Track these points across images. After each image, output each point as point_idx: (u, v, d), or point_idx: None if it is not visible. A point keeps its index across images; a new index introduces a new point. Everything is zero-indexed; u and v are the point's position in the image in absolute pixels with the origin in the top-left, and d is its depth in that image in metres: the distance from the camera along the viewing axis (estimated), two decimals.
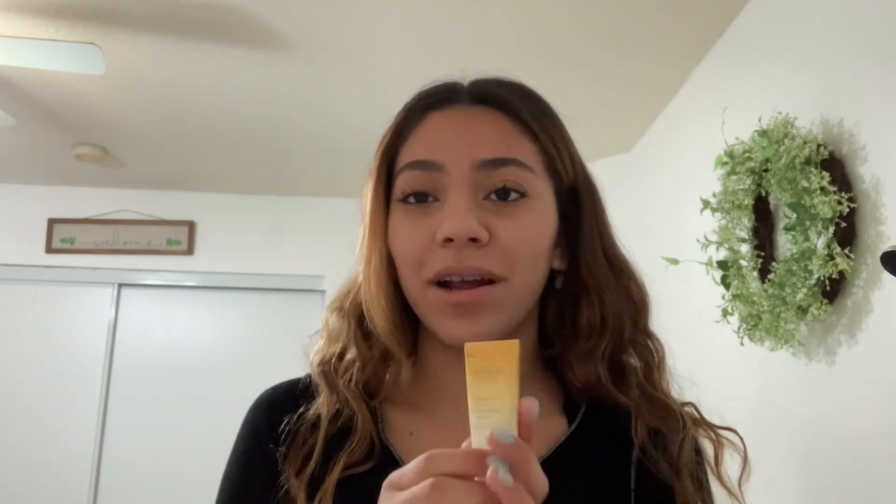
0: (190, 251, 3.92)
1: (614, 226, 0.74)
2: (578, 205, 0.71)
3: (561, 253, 0.71)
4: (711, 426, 0.70)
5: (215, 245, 3.93)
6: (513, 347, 0.48)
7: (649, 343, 0.71)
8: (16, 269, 3.83)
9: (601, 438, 0.68)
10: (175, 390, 3.76)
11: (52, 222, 3.88)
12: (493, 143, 0.66)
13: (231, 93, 2.81)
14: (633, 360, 0.70)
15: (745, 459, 0.69)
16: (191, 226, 3.93)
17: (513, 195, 0.65)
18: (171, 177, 3.78)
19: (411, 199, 0.66)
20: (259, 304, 3.92)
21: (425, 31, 2.34)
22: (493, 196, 0.65)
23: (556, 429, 0.68)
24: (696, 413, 0.71)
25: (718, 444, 0.69)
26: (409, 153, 0.68)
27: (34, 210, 3.86)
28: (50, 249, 3.85)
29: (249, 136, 3.21)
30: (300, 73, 2.64)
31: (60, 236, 3.87)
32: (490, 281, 0.63)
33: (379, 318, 0.68)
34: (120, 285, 3.89)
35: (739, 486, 0.69)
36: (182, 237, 3.92)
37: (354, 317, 0.71)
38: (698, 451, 0.69)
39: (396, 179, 0.68)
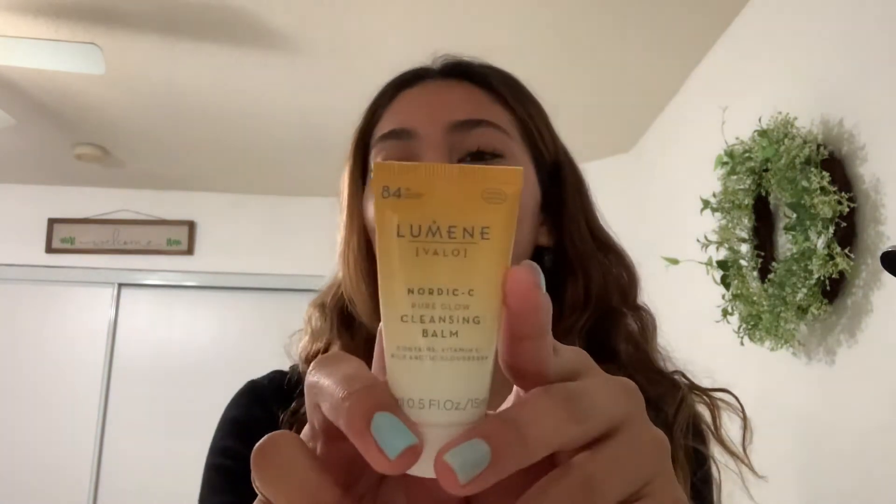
0: (190, 251, 3.92)
1: (601, 212, 0.73)
2: (561, 182, 0.70)
3: (548, 230, 0.70)
4: (704, 390, 0.68)
5: (215, 245, 3.93)
6: (517, 175, 0.29)
7: (637, 316, 0.70)
8: (16, 269, 3.83)
9: None
10: (175, 390, 3.76)
11: (52, 222, 3.88)
12: (465, 107, 0.65)
13: (231, 93, 2.81)
14: (617, 334, 0.68)
15: (745, 419, 0.66)
16: (191, 226, 3.93)
17: (488, 157, 0.63)
18: (171, 177, 3.78)
19: None
20: (259, 304, 3.91)
21: (425, 30, 2.34)
22: (469, 160, 0.63)
23: None
24: (685, 380, 0.69)
25: (714, 407, 0.67)
26: (380, 130, 0.68)
27: (34, 210, 3.86)
28: (50, 249, 3.85)
29: (249, 136, 3.21)
30: (300, 73, 2.63)
31: (60, 236, 3.87)
32: None
33: (361, 302, 0.67)
34: (120, 285, 3.89)
35: (744, 449, 0.66)
36: (182, 237, 3.92)
37: (336, 311, 0.71)
38: (698, 434, 0.66)
39: (370, 157, 0.68)
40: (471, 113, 0.65)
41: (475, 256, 0.28)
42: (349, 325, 0.70)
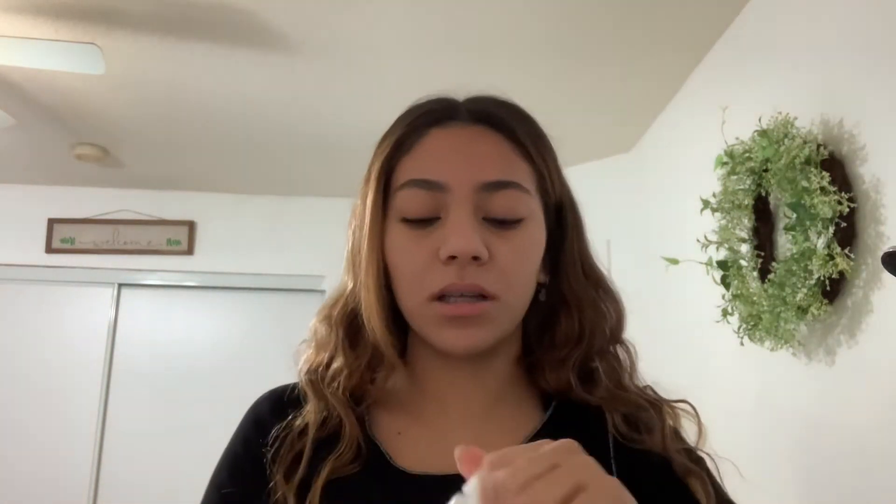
0: (190, 251, 3.92)
1: (592, 241, 0.77)
2: (562, 222, 0.74)
3: (545, 267, 0.73)
4: (666, 401, 0.74)
5: (215, 245, 3.93)
6: None
7: (620, 351, 0.75)
8: (16, 269, 3.83)
9: (575, 426, 0.71)
10: (175, 390, 3.76)
11: (52, 222, 3.88)
12: (495, 165, 0.69)
13: (231, 93, 2.81)
14: (604, 366, 0.73)
15: (700, 425, 0.73)
16: (191, 226, 3.93)
17: (510, 223, 0.68)
18: (171, 177, 3.78)
19: (415, 224, 0.68)
20: (259, 304, 3.92)
21: (424, 31, 2.34)
22: (494, 222, 0.68)
23: (533, 422, 0.71)
24: (652, 393, 0.75)
25: (675, 416, 0.73)
26: (410, 169, 0.70)
27: (34, 210, 3.86)
28: (50, 249, 3.85)
29: (249, 136, 3.21)
30: (300, 73, 2.64)
31: (60, 236, 3.87)
32: (485, 297, 0.66)
33: (378, 326, 0.70)
34: (120, 285, 3.89)
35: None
36: (182, 237, 3.92)
37: (342, 326, 0.73)
38: (680, 437, 0.73)
39: (397, 194, 0.69)
40: (499, 173, 0.68)
41: None
42: (354, 339, 0.72)
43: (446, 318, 0.65)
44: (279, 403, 0.72)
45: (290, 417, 0.69)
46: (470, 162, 0.68)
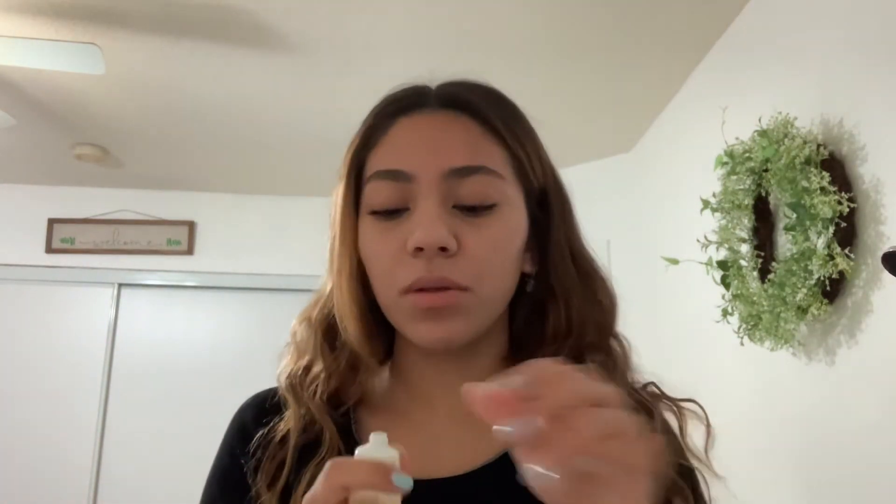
0: (190, 251, 3.92)
1: (584, 231, 0.74)
2: (548, 209, 0.71)
3: (532, 257, 0.70)
4: (673, 400, 0.70)
5: (215, 245, 3.93)
6: None
7: (613, 345, 0.71)
8: (16, 269, 3.83)
9: None
10: (175, 390, 3.76)
11: (52, 222, 3.88)
12: (463, 151, 0.66)
13: (231, 93, 2.81)
14: (597, 362, 0.69)
15: (709, 427, 0.69)
16: (191, 226, 3.93)
17: (480, 210, 0.65)
18: (171, 177, 3.78)
19: (383, 216, 0.66)
20: (259, 304, 3.91)
21: (424, 31, 2.34)
22: (465, 209, 0.65)
23: None
24: (657, 390, 0.71)
25: (681, 416, 0.69)
26: (378, 161, 0.68)
27: (34, 210, 3.86)
28: (50, 249, 3.85)
29: (249, 136, 3.21)
30: (300, 73, 2.64)
31: (60, 236, 3.87)
32: (458, 289, 0.63)
33: (352, 326, 0.68)
34: (120, 285, 3.88)
35: (706, 454, 0.69)
36: (182, 237, 3.92)
37: (321, 328, 0.71)
38: (668, 432, 0.69)
39: (365, 187, 0.68)
40: (468, 158, 0.65)
41: None
42: (332, 342, 0.71)
43: (419, 310, 0.63)
44: (262, 409, 0.71)
45: (271, 424, 0.68)
46: (436, 149, 0.66)
